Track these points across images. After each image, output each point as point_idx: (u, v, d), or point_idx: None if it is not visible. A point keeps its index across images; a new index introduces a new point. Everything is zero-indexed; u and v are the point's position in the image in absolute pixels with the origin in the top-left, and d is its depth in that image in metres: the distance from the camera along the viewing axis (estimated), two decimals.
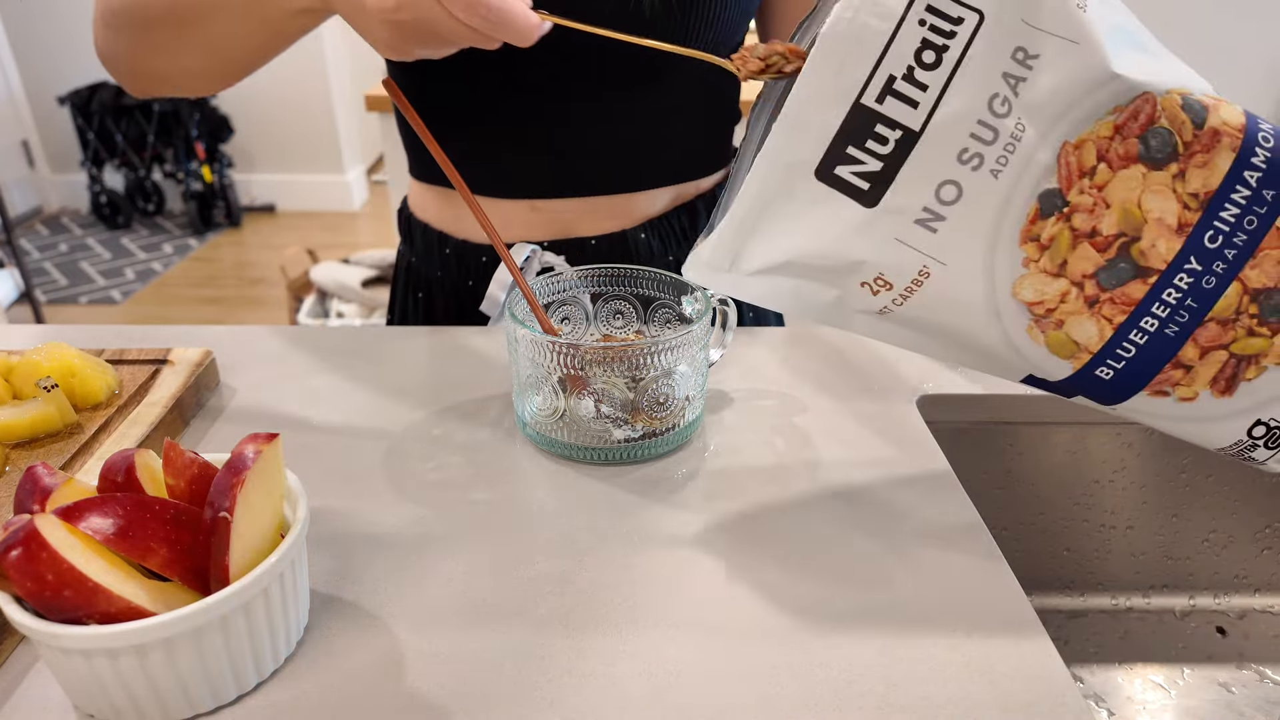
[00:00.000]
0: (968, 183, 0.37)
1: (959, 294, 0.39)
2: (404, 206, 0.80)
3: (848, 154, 0.37)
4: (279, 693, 0.37)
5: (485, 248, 0.73)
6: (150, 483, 0.38)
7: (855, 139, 0.36)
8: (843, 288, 0.41)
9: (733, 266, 0.41)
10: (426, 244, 0.76)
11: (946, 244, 0.38)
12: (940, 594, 0.43)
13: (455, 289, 0.76)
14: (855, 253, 0.39)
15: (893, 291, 0.40)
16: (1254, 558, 0.66)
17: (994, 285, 0.39)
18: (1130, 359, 0.39)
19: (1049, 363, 0.41)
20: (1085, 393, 0.42)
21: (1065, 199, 0.37)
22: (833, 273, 0.40)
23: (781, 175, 0.38)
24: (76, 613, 0.32)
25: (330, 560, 0.45)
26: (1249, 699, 0.61)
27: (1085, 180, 0.37)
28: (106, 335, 0.67)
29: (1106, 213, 0.37)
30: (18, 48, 3.52)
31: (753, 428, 0.57)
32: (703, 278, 0.42)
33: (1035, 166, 0.37)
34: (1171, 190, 0.36)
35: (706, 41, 0.65)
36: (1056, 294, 0.38)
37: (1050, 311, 0.39)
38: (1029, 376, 0.43)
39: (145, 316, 2.89)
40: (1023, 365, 0.42)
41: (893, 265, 0.39)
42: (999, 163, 0.36)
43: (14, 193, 3.61)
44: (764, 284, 0.41)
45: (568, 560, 0.45)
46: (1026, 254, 0.38)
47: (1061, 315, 0.39)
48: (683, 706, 0.37)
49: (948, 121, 0.36)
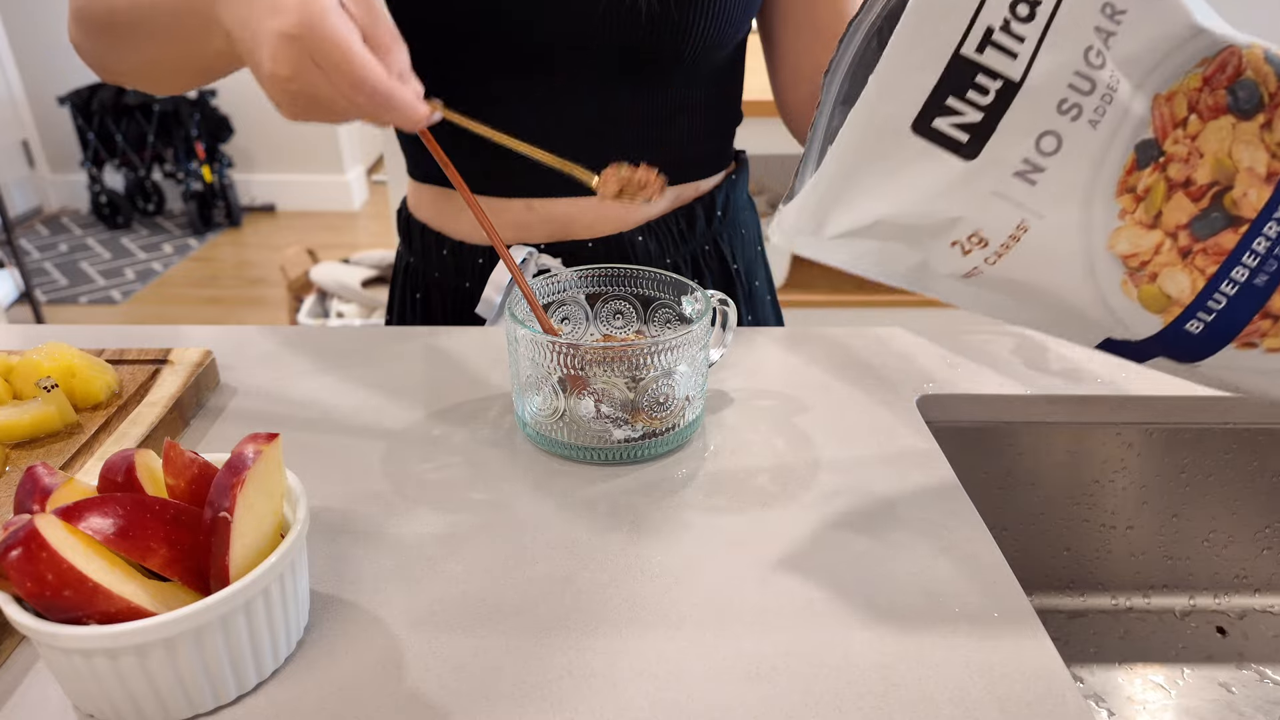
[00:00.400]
0: (1067, 133, 0.37)
1: (1055, 249, 0.39)
2: (403, 207, 0.80)
3: (947, 106, 0.36)
4: (279, 692, 0.37)
5: (482, 249, 0.73)
6: (150, 483, 0.38)
7: (955, 90, 0.36)
8: (929, 250, 0.40)
9: (818, 230, 0.40)
10: (425, 244, 0.76)
11: (1045, 196, 0.38)
12: (940, 594, 0.43)
13: (454, 290, 0.76)
14: (951, 209, 0.38)
15: (987, 249, 0.39)
16: (1254, 558, 0.66)
17: (1090, 239, 0.39)
18: (1220, 310, 0.39)
19: (1138, 319, 0.40)
20: (1168, 351, 0.42)
21: (1161, 149, 0.37)
22: (923, 233, 0.40)
23: (877, 131, 0.37)
24: (76, 613, 0.33)
25: (330, 560, 0.45)
26: (1249, 699, 0.61)
27: (1179, 130, 0.37)
28: (106, 335, 0.67)
29: (1200, 162, 0.37)
30: (18, 48, 3.52)
31: (753, 428, 0.57)
32: (788, 242, 0.41)
33: (1131, 118, 0.37)
34: (1260, 140, 0.37)
35: (708, 38, 0.65)
36: (1151, 246, 0.38)
37: (1144, 264, 0.39)
38: (1106, 340, 0.42)
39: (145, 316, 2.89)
40: (1109, 324, 0.41)
41: (989, 221, 0.39)
42: (1096, 113, 0.36)
43: (14, 193, 3.62)
44: (848, 248, 0.41)
45: (568, 560, 0.45)
46: (1122, 206, 0.38)
47: (1155, 268, 0.39)
48: (683, 706, 0.37)
49: (1047, 71, 0.36)
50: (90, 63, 0.65)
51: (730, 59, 0.71)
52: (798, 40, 0.73)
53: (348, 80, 0.44)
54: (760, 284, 0.82)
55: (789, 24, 0.72)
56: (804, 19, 0.71)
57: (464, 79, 0.66)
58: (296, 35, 0.43)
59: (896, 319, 1.83)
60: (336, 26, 0.44)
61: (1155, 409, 0.62)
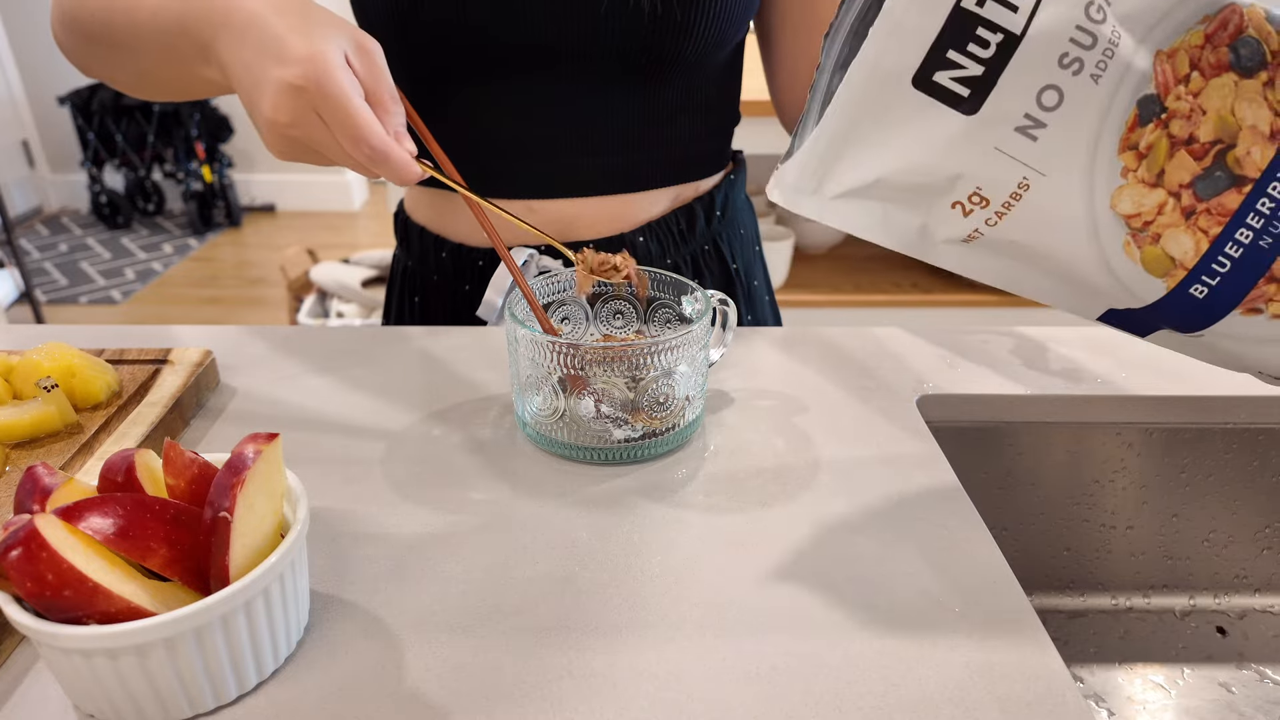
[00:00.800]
0: (1069, 87, 0.36)
1: (1057, 208, 0.39)
2: (400, 209, 0.80)
3: (948, 59, 0.36)
4: (279, 692, 0.37)
5: (481, 251, 0.73)
6: (150, 483, 0.38)
7: (956, 43, 0.36)
8: (930, 213, 0.40)
9: (819, 189, 0.40)
10: (423, 247, 0.76)
11: (1047, 153, 0.37)
12: (940, 594, 0.43)
13: (451, 292, 0.76)
14: (953, 165, 0.38)
15: (988, 209, 0.39)
16: (1254, 558, 0.66)
17: (1093, 197, 0.38)
18: (1225, 274, 0.38)
19: (1141, 284, 0.40)
20: (1171, 319, 0.41)
21: (1163, 105, 0.37)
22: (924, 192, 0.39)
23: (878, 85, 0.37)
24: (76, 612, 0.33)
25: (330, 560, 0.45)
26: (1249, 699, 0.61)
27: (1181, 87, 0.37)
28: (106, 335, 0.67)
29: (1203, 119, 0.37)
30: (18, 48, 3.52)
31: (753, 428, 0.57)
32: (788, 200, 0.41)
33: (1133, 73, 0.36)
34: (1263, 98, 0.36)
35: (709, 38, 0.65)
36: (1154, 206, 0.38)
37: (1147, 225, 0.38)
38: (1109, 312, 0.42)
39: (145, 316, 2.89)
40: (1111, 291, 0.41)
41: (991, 177, 0.38)
42: (1099, 67, 0.36)
43: (14, 193, 3.62)
44: (850, 208, 0.41)
45: (568, 560, 0.45)
46: (1124, 163, 0.38)
47: (1158, 228, 0.38)
48: (683, 706, 0.37)
49: (1048, 25, 0.35)
50: (74, 62, 0.65)
51: (730, 59, 0.71)
52: (795, 40, 0.73)
53: (349, 136, 0.45)
54: (759, 284, 0.82)
55: (787, 24, 0.72)
56: (802, 19, 0.71)
57: (466, 78, 0.66)
58: (301, 87, 0.44)
59: (896, 319, 1.83)
60: (341, 83, 0.45)
61: (1155, 409, 0.62)
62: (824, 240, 1.96)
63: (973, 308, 1.82)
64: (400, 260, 0.81)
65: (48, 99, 3.52)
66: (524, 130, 0.68)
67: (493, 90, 0.66)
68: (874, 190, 0.40)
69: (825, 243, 1.97)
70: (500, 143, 0.68)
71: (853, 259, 1.97)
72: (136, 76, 0.61)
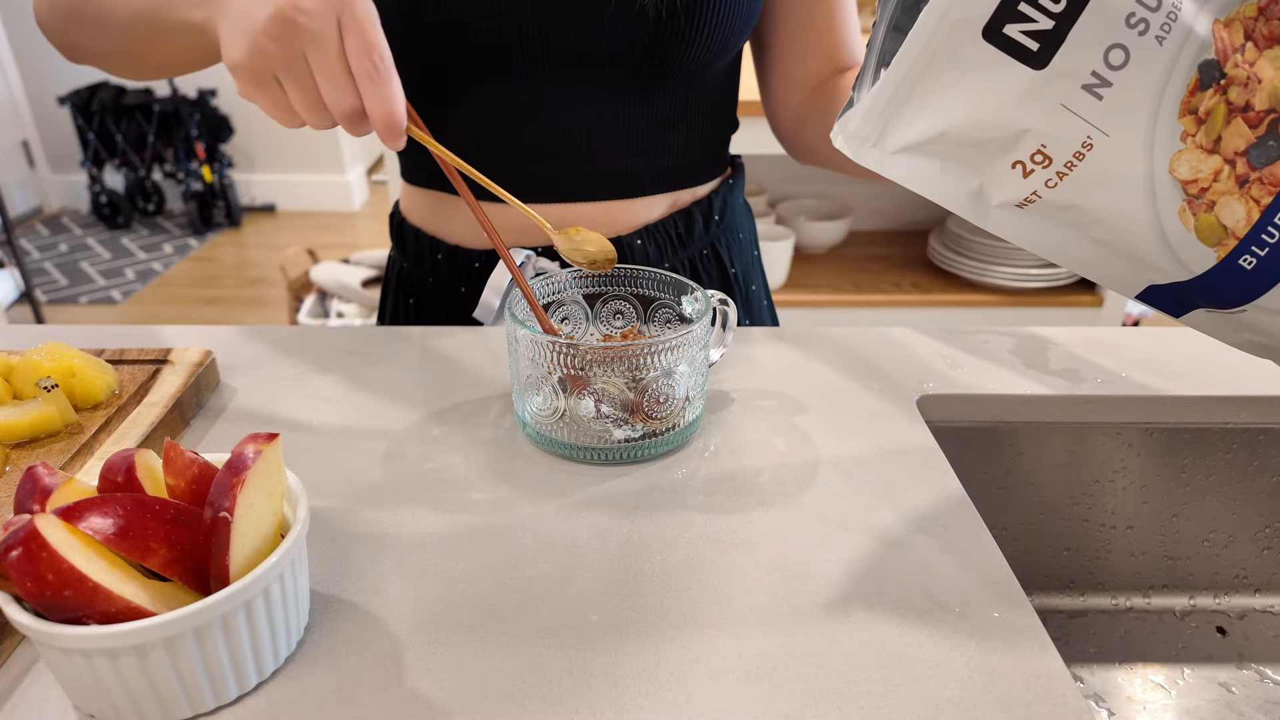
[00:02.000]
0: (1134, 47, 0.37)
1: (1119, 170, 0.39)
2: (395, 211, 0.80)
3: (1019, 11, 0.36)
4: (279, 692, 0.37)
5: (478, 253, 0.73)
6: (150, 483, 0.38)
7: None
8: (989, 173, 0.40)
9: (879, 140, 0.40)
10: (419, 249, 0.76)
11: (1111, 112, 0.38)
12: (940, 594, 0.43)
13: (447, 294, 0.75)
14: (1019, 121, 0.38)
15: (1049, 169, 0.39)
16: (1254, 558, 0.66)
17: (1153, 161, 0.39)
18: (1274, 244, 0.39)
19: (1193, 253, 0.40)
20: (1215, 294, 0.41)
21: (1222, 70, 0.37)
22: (986, 150, 0.40)
23: (946, 34, 0.37)
24: (76, 612, 0.33)
25: (330, 560, 0.45)
26: (1249, 699, 0.61)
27: (1238, 55, 0.37)
28: (106, 335, 0.67)
29: (1259, 88, 0.37)
30: (18, 48, 3.53)
31: (753, 428, 0.57)
32: (852, 149, 0.41)
33: (1194, 39, 0.37)
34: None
35: (712, 45, 0.65)
36: (1210, 172, 0.38)
37: (1203, 191, 0.39)
38: (1149, 289, 0.42)
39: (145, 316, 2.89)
40: (1159, 262, 0.41)
41: (1056, 135, 0.39)
42: (1163, 29, 0.36)
43: (14, 193, 3.62)
44: (909, 164, 0.41)
45: (567, 560, 0.45)
46: (1184, 127, 0.38)
47: (1213, 195, 0.39)
48: (683, 706, 0.37)
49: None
50: (57, 42, 0.65)
51: (730, 66, 0.71)
52: (793, 45, 0.73)
53: (362, 39, 0.43)
54: (757, 288, 0.82)
55: (785, 29, 0.72)
56: (800, 24, 0.71)
57: (466, 79, 0.66)
58: (311, 10, 0.43)
59: (896, 319, 1.83)
60: (369, 2, 0.44)
61: (1155, 409, 0.62)
62: (824, 240, 1.96)
63: (973, 308, 1.82)
64: (395, 262, 0.80)
65: (48, 99, 3.52)
66: (523, 133, 0.68)
67: (493, 92, 0.66)
68: (935, 146, 0.40)
69: (825, 243, 1.97)
70: (499, 144, 0.68)
71: (853, 259, 1.97)
72: (119, 43, 0.61)
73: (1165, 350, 0.67)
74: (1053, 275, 1.82)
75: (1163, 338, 0.69)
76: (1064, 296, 1.83)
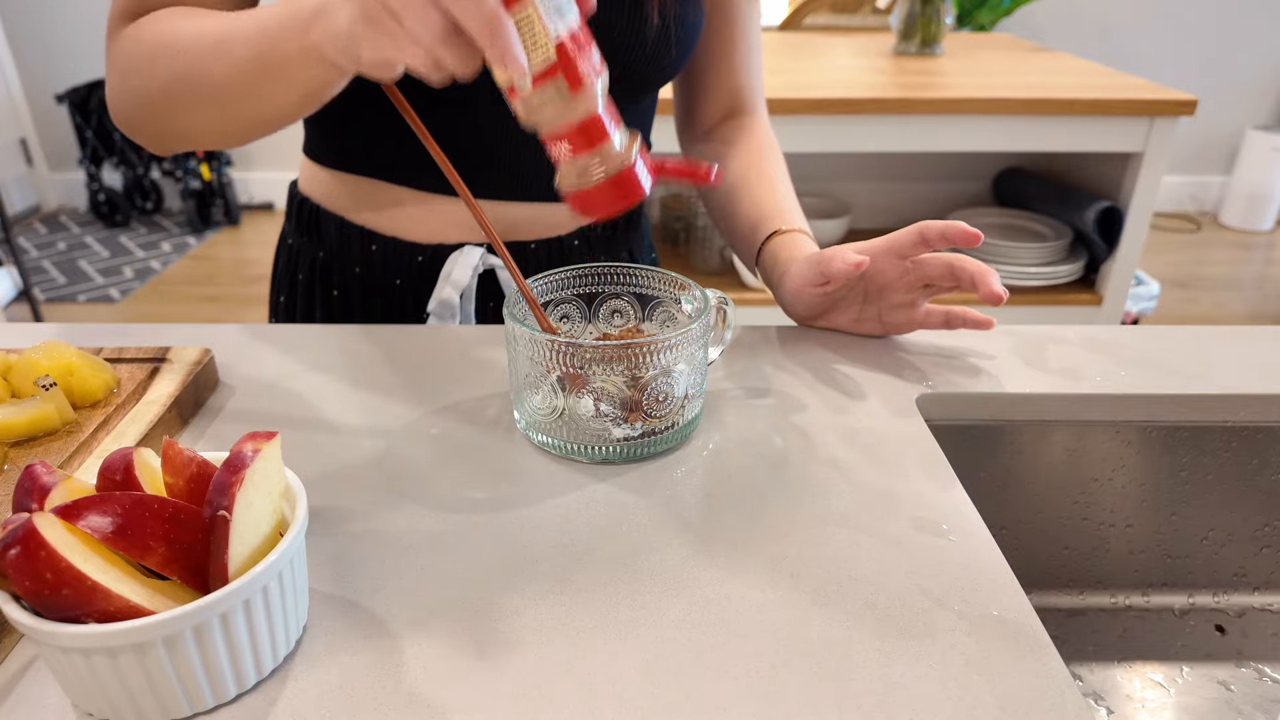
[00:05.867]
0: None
1: None
2: (299, 194, 0.78)
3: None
4: (279, 692, 0.37)
5: (421, 247, 0.73)
6: (149, 481, 0.38)
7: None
8: None
9: None
10: (343, 238, 0.75)
11: None
12: (940, 593, 0.43)
13: (380, 288, 0.75)
14: None
15: None
16: (1253, 556, 0.67)
17: None
18: None
19: None
20: None
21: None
22: None
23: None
24: (75, 611, 0.32)
25: (330, 560, 0.45)
26: (1248, 697, 0.61)
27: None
28: (105, 333, 0.67)
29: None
30: (16, 46, 3.52)
31: (752, 427, 0.57)
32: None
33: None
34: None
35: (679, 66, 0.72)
36: None
37: None
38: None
39: (144, 315, 2.88)
40: None
41: None
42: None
43: (12, 191, 3.61)
44: None
45: (567, 560, 0.45)
46: None
47: None
48: (682, 706, 0.37)
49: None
50: (144, 136, 0.61)
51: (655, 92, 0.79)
52: (710, 63, 0.80)
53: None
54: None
55: (708, 51, 0.79)
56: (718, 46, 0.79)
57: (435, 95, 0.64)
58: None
59: None
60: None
61: (1154, 407, 0.62)
62: (824, 238, 1.96)
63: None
64: (303, 251, 0.78)
65: (45, 97, 3.51)
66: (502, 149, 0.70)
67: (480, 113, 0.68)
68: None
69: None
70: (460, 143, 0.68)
71: None
72: (216, 111, 0.57)
73: (1164, 349, 0.67)
74: (1052, 274, 1.82)
75: (1162, 336, 0.69)
76: (1063, 295, 1.83)
